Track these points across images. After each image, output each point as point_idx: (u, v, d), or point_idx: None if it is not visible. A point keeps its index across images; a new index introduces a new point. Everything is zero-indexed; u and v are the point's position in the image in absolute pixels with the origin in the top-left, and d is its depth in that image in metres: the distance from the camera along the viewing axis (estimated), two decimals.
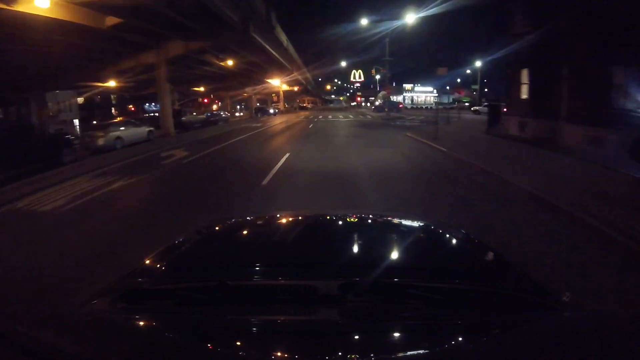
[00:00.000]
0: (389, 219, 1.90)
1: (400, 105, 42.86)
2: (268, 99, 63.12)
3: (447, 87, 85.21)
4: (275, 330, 0.90)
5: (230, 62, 26.48)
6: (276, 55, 26.87)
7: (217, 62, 26.21)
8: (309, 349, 0.81)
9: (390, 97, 75.94)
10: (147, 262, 1.32)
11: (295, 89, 54.33)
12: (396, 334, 0.91)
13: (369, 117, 33.94)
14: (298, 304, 0.99)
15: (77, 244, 4.45)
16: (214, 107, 50.29)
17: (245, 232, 1.79)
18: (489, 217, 4.86)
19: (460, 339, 0.89)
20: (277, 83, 47.35)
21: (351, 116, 35.63)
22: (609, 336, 0.82)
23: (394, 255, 1.36)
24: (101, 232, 4.83)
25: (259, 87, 48.08)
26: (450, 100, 75.53)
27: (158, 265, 1.32)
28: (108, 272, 2.91)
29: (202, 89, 52.41)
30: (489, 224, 4.57)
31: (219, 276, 1.03)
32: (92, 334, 0.88)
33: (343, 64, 53.82)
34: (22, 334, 0.80)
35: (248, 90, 36.71)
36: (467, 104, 52.51)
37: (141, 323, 0.96)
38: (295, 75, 45.64)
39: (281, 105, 57.15)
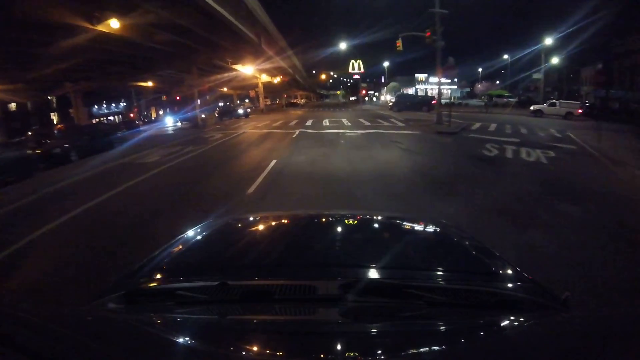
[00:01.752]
0: (390, 218, 1.86)
1: (434, 102, 29.37)
2: (255, 94, 49.21)
3: (455, 80, 71.97)
4: (275, 330, 0.90)
5: (115, 24, 12.89)
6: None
7: (87, 24, 12.64)
8: (309, 349, 0.79)
9: (402, 89, 62.02)
10: (147, 262, 1.29)
11: (278, 79, 40.49)
12: (396, 334, 0.89)
13: (399, 124, 18.49)
14: (298, 304, 0.98)
15: None
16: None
17: (245, 231, 1.73)
18: None
19: (460, 339, 0.87)
20: (250, 71, 33.71)
21: (365, 121, 20.19)
22: (609, 336, 0.81)
23: (395, 255, 1.31)
24: None
25: (225, 77, 34.50)
26: (460, 94, 62.14)
27: (158, 265, 1.28)
28: None
29: (149, 84, 38.95)
30: None
31: (219, 276, 1.03)
32: (93, 334, 0.86)
33: (342, 45, 40.12)
34: (23, 335, 0.78)
35: (197, 83, 23.25)
36: (508, 99, 38.95)
37: (141, 323, 0.93)
38: (277, 60, 32.00)
39: (261, 103, 43.31)
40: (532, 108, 26.14)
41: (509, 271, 1.20)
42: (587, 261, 3.50)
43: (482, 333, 0.90)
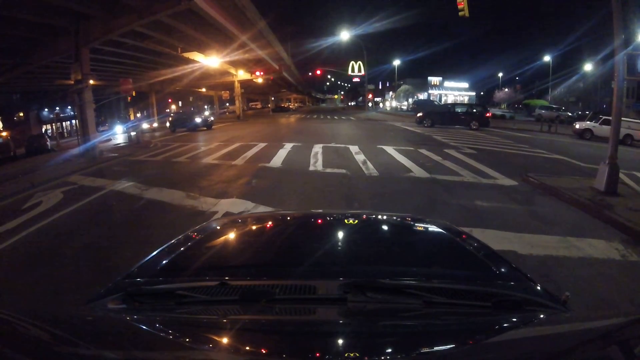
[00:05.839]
0: (390, 218, 1.86)
1: (489, 115, 19.78)
2: (228, 96, 39.28)
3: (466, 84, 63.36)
4: (275, 331, 0.89)
5: None
6: None
7: None
8: (309, 349, 0.78)
9: (418, 95, 52.66)
10: (147, 262, 1.29)
11: (259, 74, 30.78)
12: (396, 334, 0.88)
13: (503, 181, 7.13)
14: (298, 304, 0.97)
15: None
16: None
17: (245, 231, 1.70)
18: None
19: (460, 339, 0.86)
20: (216, 63, 24.03)
21: (406, 159, 8.41)
22: (609, 337, 0.81)
23: (395, 255, 1.33)
24: None
25: (179, 70, 24.81)
26: (474, 100, 53.31)
27: (158, 266, 1.26)
28: None
29: (90, 81, 29.19)
30: None
31: (218, 276, 1.03)
32: (93, 334, 0.85)
33: (343, 36, 30.85)
34: (24, 336, 0.79)
35: (92, 76, 13.94)
36: (558, 113, 28.94)
37: (141, 323, 0.93)
38: (253, 49, 22.49)
39: (237, 108, 33.55)
40: (577, 126, 17.00)
41: (509, 271, 1.19)
42: None
43: (482, 333, 0.88)
